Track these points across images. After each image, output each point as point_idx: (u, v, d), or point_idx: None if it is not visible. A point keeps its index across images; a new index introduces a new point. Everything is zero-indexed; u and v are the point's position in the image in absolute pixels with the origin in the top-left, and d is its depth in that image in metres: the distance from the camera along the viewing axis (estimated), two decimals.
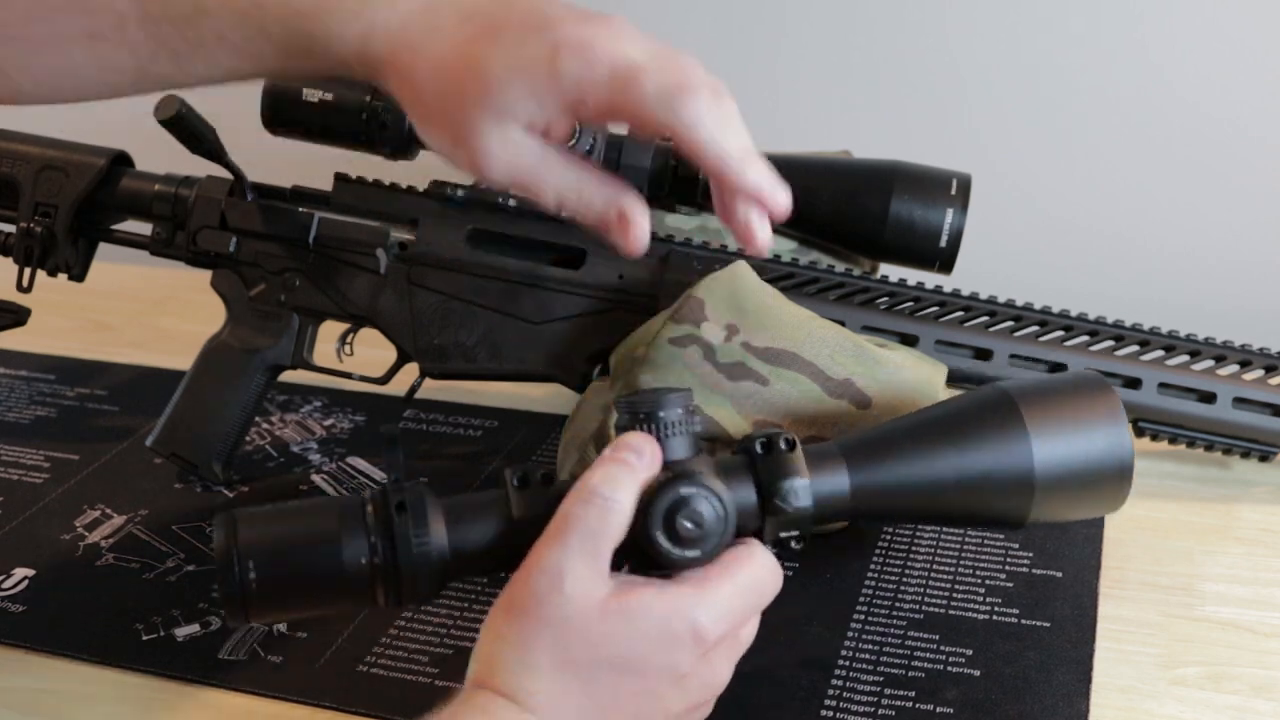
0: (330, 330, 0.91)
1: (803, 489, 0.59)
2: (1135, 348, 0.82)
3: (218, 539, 0.57)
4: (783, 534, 0.60)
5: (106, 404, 1.01)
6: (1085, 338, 0.82)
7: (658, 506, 0.56)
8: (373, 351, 0.91)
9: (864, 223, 0.83)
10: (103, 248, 0.93)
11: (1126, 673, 0.67)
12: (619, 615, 0.54)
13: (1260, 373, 0.82)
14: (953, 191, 0.82)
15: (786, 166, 0.85)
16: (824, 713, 0.65)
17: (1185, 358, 0.82)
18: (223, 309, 0.89)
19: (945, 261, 0.83)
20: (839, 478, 0.61)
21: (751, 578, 0.57)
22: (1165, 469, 0.87)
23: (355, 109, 0.85)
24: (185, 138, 0.82)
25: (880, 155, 0.85)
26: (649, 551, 0.56)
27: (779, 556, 0.60)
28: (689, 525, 0.56)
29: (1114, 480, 0.64)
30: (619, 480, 0.56)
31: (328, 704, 0.68)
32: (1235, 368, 0.82)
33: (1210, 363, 0.82)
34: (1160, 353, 0.82)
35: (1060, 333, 0.82)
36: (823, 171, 0.85)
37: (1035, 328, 0.82)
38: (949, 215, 0.82)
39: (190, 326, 0.98)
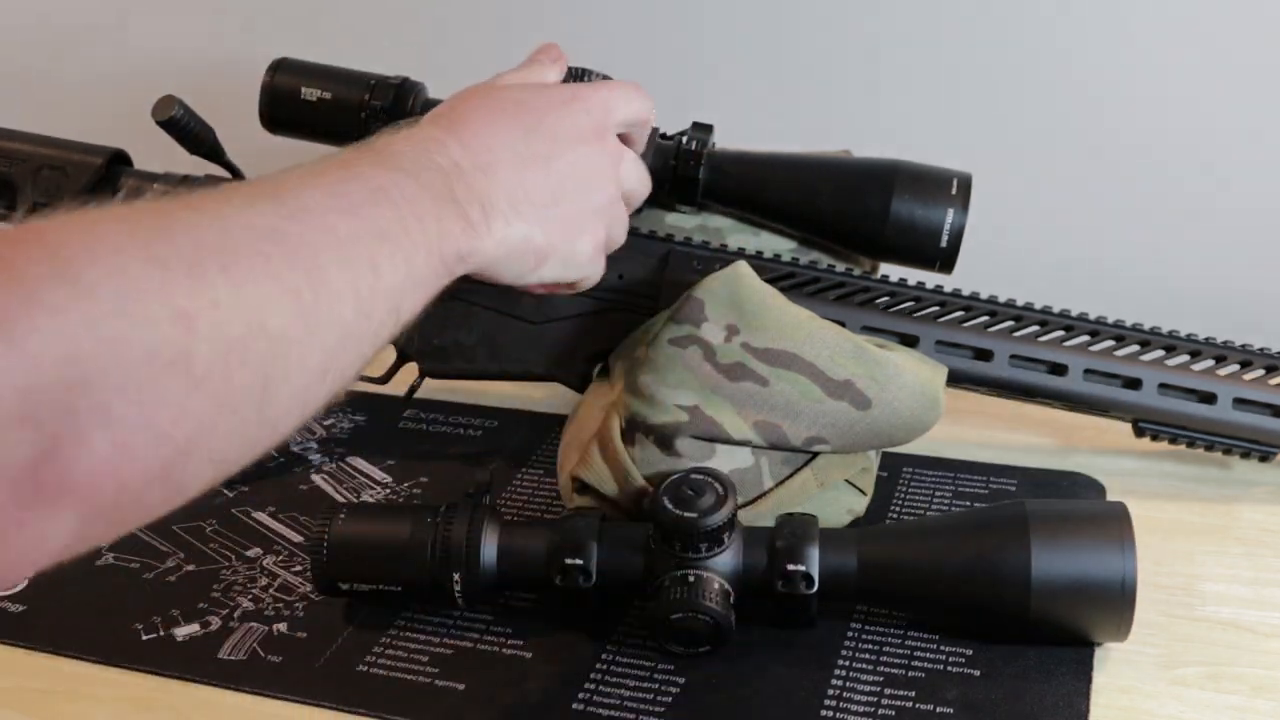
0: None
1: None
2: (1135, 348, 0.82)
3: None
4: (790, 566, 0.67)
5: None
6: (1085, 338, 0.82)
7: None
8: None
9: (864, 222, 0.83)
10: None
11: (1126, 673, 0.67)
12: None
13: (1260, 373, 0.82)
14: (953, 191, 0.82)
15: (786, 166, 0.86)
16: (824, 713, 0.65)
17: (1185, 358, 0.82)
18: None
19: (946, 261, 0.83)
20: (847, 544, 0.68)
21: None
22: (1165, 469, 0.87)
23: (355, 109, 0.85)
24: (183, 138, 0.82)
25: (880, 155, 0.85)
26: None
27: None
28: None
29: (1115, 598, 0.65)
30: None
31: (327, 704, 0.67)
32: (1235, 368, 0.82)
33: (1210, 363, 0.82)
34: (1160, 353, 0.82)
35: (1060, 333, 0.82)
36: (823, 171, 0.85)
37: (1035, 328, 0.82)
38: (949, 215, 0.82)
39: None
